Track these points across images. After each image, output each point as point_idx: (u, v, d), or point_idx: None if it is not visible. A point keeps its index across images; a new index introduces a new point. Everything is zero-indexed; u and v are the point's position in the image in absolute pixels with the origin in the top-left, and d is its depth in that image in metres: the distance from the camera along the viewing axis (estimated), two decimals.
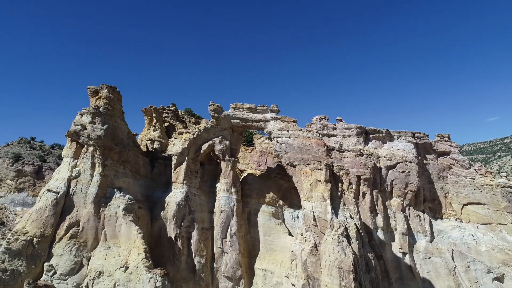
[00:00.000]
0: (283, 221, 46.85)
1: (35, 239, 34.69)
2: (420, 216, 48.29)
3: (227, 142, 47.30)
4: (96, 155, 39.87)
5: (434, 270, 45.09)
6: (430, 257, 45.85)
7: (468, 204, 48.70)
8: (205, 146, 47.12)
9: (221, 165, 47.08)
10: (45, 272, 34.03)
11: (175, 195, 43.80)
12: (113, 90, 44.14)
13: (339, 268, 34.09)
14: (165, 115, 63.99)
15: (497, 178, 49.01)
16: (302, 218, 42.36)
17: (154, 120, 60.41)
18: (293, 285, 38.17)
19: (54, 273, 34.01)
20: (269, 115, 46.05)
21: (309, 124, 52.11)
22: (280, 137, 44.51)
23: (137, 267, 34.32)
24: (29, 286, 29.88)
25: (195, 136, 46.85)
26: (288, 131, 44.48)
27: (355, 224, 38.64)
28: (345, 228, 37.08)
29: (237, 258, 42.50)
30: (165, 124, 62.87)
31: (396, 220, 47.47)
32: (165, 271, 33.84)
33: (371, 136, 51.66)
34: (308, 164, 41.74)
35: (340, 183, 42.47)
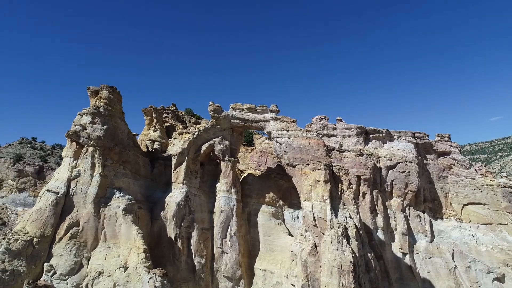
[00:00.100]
0: (283, 221, 46.83)
1: (35, 239, 34.78)
2: (420, 216, 48.24)
3: (227, 142, 47.32)
4: (96, 155, 39.94)
5: (434, 270, 45.04)
6: (430, 257, 45.81)
7: (468, 204, 48.64)
8: (205, 146, 47.13)
9: (221, 165, 47.07)
10: (45, 272, 34.11)
11: (175, 195, 43.82)
12: (113, 91, 44.20)
13: (339, 268, 34.05)
14: (165, 115, 64.03)
15: (497, 178, 48.94)
16: (302, 218, 42.33)
17: (154, 120, 60.50)
18: (292, 285, 38.15)
19: (54, 273, 34.09)
20: (268, 115, 46.02)
21: (309, 124, 52.18)
22: (279, 137, 44.48)
23: (136, 267, 34.36)
24: (29, 286, 29.95)
25: (195, 136, 46.87)
26: (287, 131, 44.43)
27: (354, 224, 38.60)
28: (345, 228, 37.03)
29: (237, 258, 42.50)
30: (165, 125, 62.93)
31: (396, 220, 47.46)
32: (165, 271, 33.82)
33: (371, 136, 51.67)
34: (308, 164, 41.71)
35: (340, 183, 42.40)
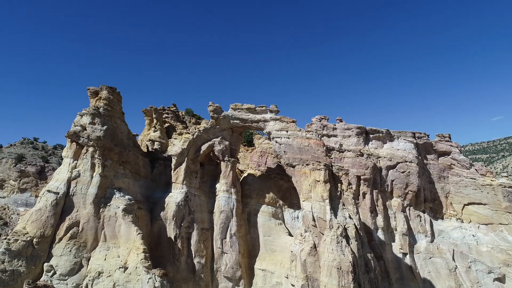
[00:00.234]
0: (283, 222, 46.78)
1: (35, 239, 34.86)
2: (420, 216, 48.13)
3: (227, 143, 47.31)
4: (96, 155, 40.00)
5: (434, 271, 44.94)
6: (430, 258, 45.71)
7: (469, 204, 48.48)
8: (204, 147, 47.13)
9: (220, 166, 47.04)
10: (44, 272, 34.20)
11: (175, 195, 43.83)
12: (113, 91, 44.24)
13: (338, 268, 34.01)
14: (166, 115, 64.13)
15: (498, 178, 48.78)
16: (302, 218, 42.28)
17: (155, 121, 60.60)
18: (292, 285, 38.12)
19: (54, 273, 34.18)
20: (268, 116, 45.98)
21: (309, 124, 52.16)
22: (279, 138, 44.43)
23: (136, 268, 34.41)
24: (28, 286, 30.01)
25: (194, 136, 46.88)
26: (287, 131, 44.37)
27: (354, 224, 38.52)
28: (344, 229, 36.97)
29: (237, 259, 42.49)
30: (166, 125, 63.04)
31: (396, 220, 47.38)
32: (164, 271, 33.86)
33: (371, 136, 51.59)
34: (307, 164, 41.66)
35: (339, 184, 42.30)
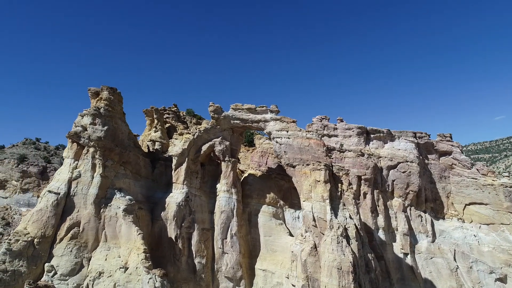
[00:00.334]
0: (284, 222, 46.78)
1: (36, 239, 35.00)
2: (421, 216, 48.00)
3: (227, 143, 47.33)
4: (97, 156, 40.10)
5: (436, 271, 44.81)
6: (432, 258, 45.57)
7: (470, 204, 48.31)
8: (205, 147, 47.17)
9: (221, 166, 47.07)
10: (45, 272, 34.34)
11: (176, 195, 43.89)
12: (114, 92, 44.35)
13: (338, 268, 33.95)
14: (166, 116, 64.21)
15: (499, 178, 48.58)
16: (302, 218, 42.25)
17: (155, 121, 60.67)
18: (293, 285, 38.10)
19: (55, 273, 34.31)
20: (268, 116, 45.97)
21: (309, 124, 52.12)
22: (279, 138, 44.40)
23: (136, 268, 34.47)
24: (29, 286, 30.19)
25: (195, 136, 46.92)
26: (287, 131, 44.34)
27: (354, 224, 38.46)
28: (345, 229, 36.91)
29: (238, 259, 42.52)
30: (166, 125, 63.10)
31: (397, 220, 47.25)
32: (164, 271, 33.89)
33: (372, 136, 51.48)
34: (308, 164, 41.61)
35: (340, 184, 42.24)
